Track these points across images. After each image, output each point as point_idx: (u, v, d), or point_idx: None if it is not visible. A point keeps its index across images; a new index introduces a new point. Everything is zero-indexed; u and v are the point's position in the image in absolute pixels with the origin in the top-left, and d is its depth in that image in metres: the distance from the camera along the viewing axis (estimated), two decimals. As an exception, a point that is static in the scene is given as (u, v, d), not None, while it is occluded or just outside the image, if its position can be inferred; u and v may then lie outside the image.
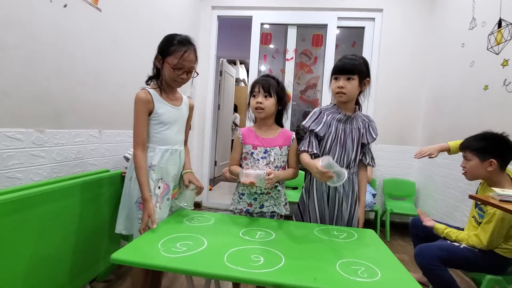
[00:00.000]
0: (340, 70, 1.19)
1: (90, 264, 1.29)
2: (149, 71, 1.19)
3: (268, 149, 1.21)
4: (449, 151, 1.57)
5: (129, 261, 0.81)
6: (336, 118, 1.23)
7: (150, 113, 1.12)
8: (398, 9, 2.80)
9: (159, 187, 1.15)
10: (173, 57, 1.10)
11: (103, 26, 1.50)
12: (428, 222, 1.49)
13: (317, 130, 1.21)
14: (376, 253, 0.95)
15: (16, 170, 1.07)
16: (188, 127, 1.32)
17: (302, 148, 1.22)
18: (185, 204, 1.15)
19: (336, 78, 1.21)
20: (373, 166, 1.30)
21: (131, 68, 1.74)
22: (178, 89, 1.26)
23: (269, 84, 1.20)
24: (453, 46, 2.34)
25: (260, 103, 1.19)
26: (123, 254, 0.82)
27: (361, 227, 1.25)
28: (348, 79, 1.17)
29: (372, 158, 1.30)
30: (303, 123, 1.25)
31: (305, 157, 1.19)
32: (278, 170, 1.21)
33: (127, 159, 1.58)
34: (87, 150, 1.43)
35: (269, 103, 1.20)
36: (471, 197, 1.26)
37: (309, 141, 1.22)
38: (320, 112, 1.25)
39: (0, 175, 1.01)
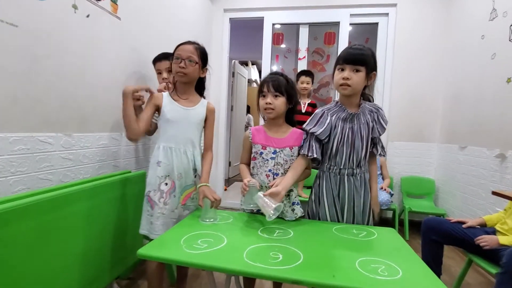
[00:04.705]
0: (346, 60, 1.08)
1: (117, 261, 1.35)
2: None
3: (277, 150, 1.18)
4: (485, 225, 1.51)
5: (154, 257, 0.85)
6: (341, 117, 1.14)
7: (159, 109, 1.24)
8: (413, 2, 2.74)
9: (166, 184, 1.21)
10: (174, 53, 1.22)
11: (122, 34, 1.57)
12: (488, 241, 1.31)
13: (318, 133, 1.13)
14: (397, 252, 0.94)
15: (47, 172, 1.14)
16: (209, 131, 1.34)
17: (302, 151, 1.16)
18: (211, 220, 1.13)
19: (341, 69, 1.10)
20: (384, 155, 1.26)
21: (148, 73, 1.81)
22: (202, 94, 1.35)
23: (278, 83, 1.16)
24: (472, 39, 2.26)
25: (270, 103, 1.16)
26: (148, 250, 0.87)
27: (377, 217, 1.22)
28: (355, 70, 1.07)
29: (383, 147, 1.23)
30: (304, 126, 1.18)
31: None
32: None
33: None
34: (110, 153, 1.50)
35: (279, 102, 1.16)
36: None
37: (309, 145, 1.15)
38: (323, 114, 1.16)
39: (34, 176, 1.09)
